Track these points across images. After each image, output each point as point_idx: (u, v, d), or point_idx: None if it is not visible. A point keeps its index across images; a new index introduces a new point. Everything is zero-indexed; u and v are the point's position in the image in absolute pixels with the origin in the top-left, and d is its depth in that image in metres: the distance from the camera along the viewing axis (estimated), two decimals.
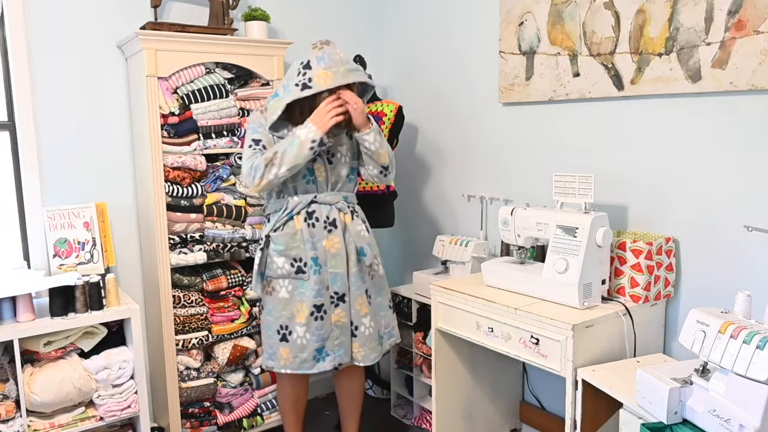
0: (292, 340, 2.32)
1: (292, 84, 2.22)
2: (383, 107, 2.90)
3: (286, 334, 2.32)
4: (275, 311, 2.34)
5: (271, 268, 2.34)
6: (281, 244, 2.30)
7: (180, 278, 2.61)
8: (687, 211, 2.13)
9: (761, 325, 1.42)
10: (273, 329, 2.35)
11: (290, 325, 2.32)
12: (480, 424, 2.67)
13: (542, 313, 1.99)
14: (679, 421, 1.54)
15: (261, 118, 2.33)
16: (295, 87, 2.20)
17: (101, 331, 2.34)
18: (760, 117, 1.90)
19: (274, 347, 2.35)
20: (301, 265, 2.30)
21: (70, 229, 2.50)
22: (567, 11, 2.39)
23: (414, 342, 2.90)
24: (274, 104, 2.28)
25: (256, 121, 2.33)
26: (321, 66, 2.19)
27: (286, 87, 2.24)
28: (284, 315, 2.32)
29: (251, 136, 2.31)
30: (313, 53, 2.23)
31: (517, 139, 2.71)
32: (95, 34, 2.60)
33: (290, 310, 2.32)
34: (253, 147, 2.29)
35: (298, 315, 2.32)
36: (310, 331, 2.30)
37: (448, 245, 2.75)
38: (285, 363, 2.34)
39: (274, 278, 2.34)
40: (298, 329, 2.31)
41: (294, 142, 2.19)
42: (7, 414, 2.10)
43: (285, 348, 2.33)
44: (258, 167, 2.21)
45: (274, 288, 2.34)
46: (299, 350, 2.32)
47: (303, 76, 2.20)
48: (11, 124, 2.48)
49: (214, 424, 2.72)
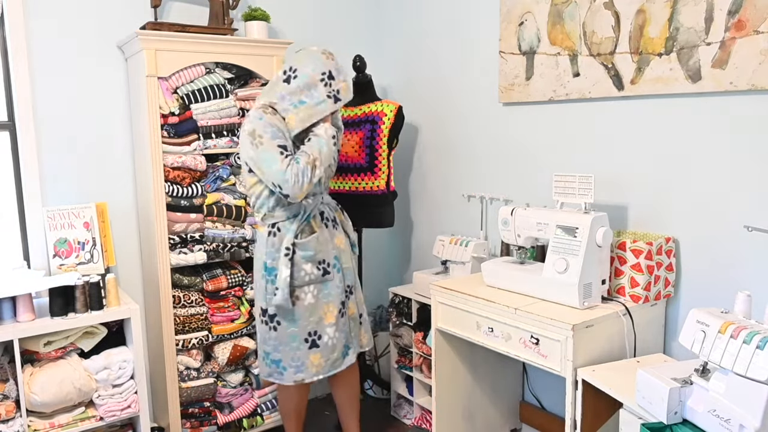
0: (323, 344, 2.32)
1: (322, 94, 2.22)
2: (383, 107, 2.90)
3: (316, 339, 2.31)
4: (301, 320, 2.30)
5: (297, 277, 2.28)
6: (311, 250, 2.29)
7: (180, 278, 2.61)
8: (687, 211, 2.13)
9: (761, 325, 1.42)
10: (299, 339, 2.30)
11: (319, 329, 2.32)
12: (480, 424, 2.67)
13: (542, 313, 1.99)
14: (679, 421, 1.54)
15: (277, 121, 2.21)
16: (328, 98, 2.24)
17: (101, 331, 2.34)
18: (760, 117, 1.90)
19: (302, 358, 2.31)
20: (325, 267, 2.33)
21: (70, 229, 2.50)
22: (567, 11, 2.39)
23: (414, 342, 2.90)
24: (306, 111, 2.22)
25: (274, 125, 2.20)
26: (341, 78, 2.28)
27: (313, 95, 2.22)
28: (312, 321, 2.31)
29: (278, 142, 2.18)
30: (329, 63, 2.26)
31: (517, 139, 2.71)
32: (95, 34, 2.60)
33: (318, 314, 2.31)
34: (284, 154, 2.17)
35: (327, 316, 2.32)
36: (339, 329, 2.34)
37: (448, 245, 2.75)
38: (317, 370, 2.33)
39: (298, 287, 2.29)
40: (329, 331, 2.32)
41: (322, 141, 2.21)
42: (7, 414, 2.10)
43: (316, 354, 2.31)
44: (305, 172, 2.15)
45: (298, 297, 2.29)
46: (330, 351, 2.33)
47: (330, 87, 2.24)
48: (11, 124, 2.48)
49: (214, 424, 2.72)
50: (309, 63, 2.24)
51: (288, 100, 2.24)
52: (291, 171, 2.15)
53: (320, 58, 2.25)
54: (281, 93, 2.26)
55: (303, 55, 2.28)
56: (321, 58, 2.25)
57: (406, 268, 3.44)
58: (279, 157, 2.16)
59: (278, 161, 2.16)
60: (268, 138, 2.18)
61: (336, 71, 2.26)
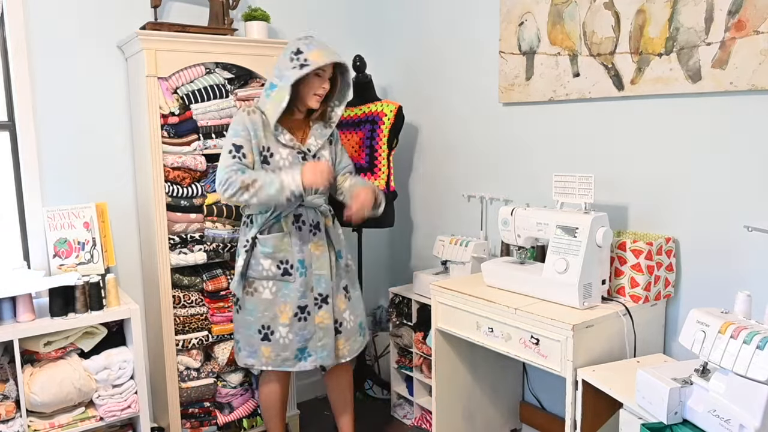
0: (274, 340, 2.35)
1: (288, 70, 2.20)
2: (383, 107, 2.90)
3: (268, 333, 2.35)
4: (257, 311, 2.35)
5: (255, 270, 2.34)
6: (269, 247, 2.32)
7: (180, 278, 2.61)
8: (687, 211, 2.13)
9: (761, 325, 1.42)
10: (254, 329, 2.36)
11: (272, 325, 2.35)
12: (480, 424, 2.67)
13: (542, 313, 1.99)
14: (679, 422, 1.54)
15: (247, 120, 2.26)
16: (293, 69, 2.19)
17: (101, 331, 2.34)
18: (761, 117, 1.90)
19: (255, 345, 2.37)
20: (287, 267, 2.33)
21: (70, 229, 2.50)
22: (567, 11, 2.39)
23: (414, 342, 2.90)
24: (276, 95, 2.22)
25: (240, 124, 2.25)
26: (312, 48, 2.23)
27: (282, 75, 2.22)
28: (267, 315, 2.34)
29: (232, 140, 2.24)
30: (299, 43, 2.26)
31: (517, 139, 2.71)
32: (95, 34, 2.60)
33: (273, 311, 2.34)
34: (233, 154, 2.22)
35: (282, 316, 2.34)
36: (293, 331, 2.35)
37: (448, 245, 2.75)
38: (267, 360, 2.37)
39: (257, 279, 2.34)
40: (281, 329, 2.34)
41: (275, 183, 2.16)
42: (7, 414, 2.10)
43: (267, 347, 2.36)
44: (233, 184, 2.17)
45: (256, 289, 2.35)
46: (281, 349, 2.36)
47: (296, 60, 2.20)
48: (11, 124, 2.48)
49: (214, 424, 2.72)
50: (283, 52, 2.28)
51: (265, 90, 2.30)
52: (223, 174, 2.20)
53: (293, 42, 2.28)
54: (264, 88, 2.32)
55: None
56: (294, 42, 2.28)
57: (406, 268, 3.44)
58: (227, 156, 2.24)
59: (226, 157, 2.24)
60: (230, 134, 2.28)
61: (305, 45, 2.23)
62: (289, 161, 2.30)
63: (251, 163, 2.26)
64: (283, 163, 2.30)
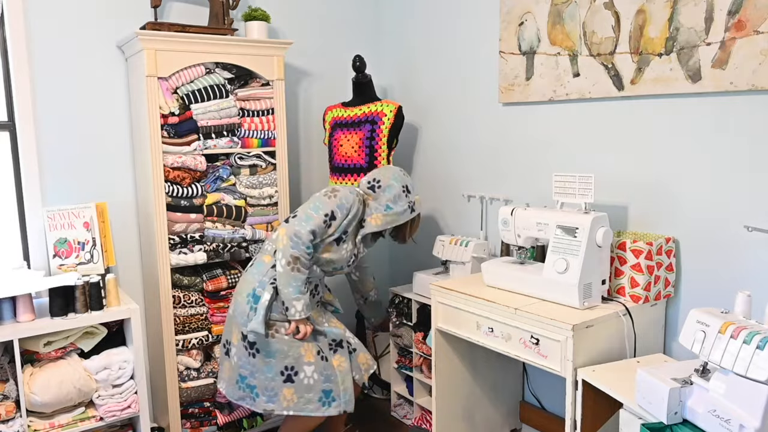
0: (298, 381, 2.29)
1: (405, 204, 2.45)
2: (383, 107, 2.90)
3: (292, 374, 2.29)
4: (279, 353, 2.28)
5: (279, 311, 2.28)
6: None
7: (180, 278, 2.61)
8: (687, 211, 2.13)
9: (761, 325, 1.42)
10: (275, 371, 2.28)
11: (297, 365, 2.29)
12: (480, 424, 2.67)
13: (542, 313, 1.99)
14: (679, 422, 1.54)
15: (356, 205, 2.36)
16: (408, 208, 2.46)
17: (101, 331, 2.34)
18: (761, 117, 1.90)
19: (275, 389, 2.29)
20: None
21: (70, 229, 2.50)
22: (567, 11, 2.39)
23: (414, 342, 2.90)
24: (393, 216, 2.42)
25: (350, 203, 2.34)
26: (414, 192, 2.52)
27: (398, 203, 2.43)
28: (291, 356, 2.29)
29: (335, 209, 2.30)
30: (407, 179, 2.50)
31: (517, 139, 2.71)
32: (95, 34, 2.60)
33: (297, 350, 2.29)
34: (326, 218, 2.28)
35: (306, 354, 2.30)
36: (318, 370, 2.31)
37: (448, 245, 2.75)
38: (288, 404, 2.29)
39: (279, 321, 2.29)
40: (306, 369, 2.30)
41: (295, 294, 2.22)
42: (7, 414, 2.10)
43: (289, 389, 2.29)
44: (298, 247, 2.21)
45: (278, 330, 2.29)
46: (305, 390, 2.30)
47: (408, 198, 2.47)
48: (11, 124, 2.48)
49: (214, 424, 2.72)
50: (391, 176, 2.47)
51: (380, 204, 2.42)
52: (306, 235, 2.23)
53: (400, 174, 2.50)
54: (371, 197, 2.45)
55: (386, 170, 2.51)
56: (400, 174, 2.50)
57: (405, 268, 3.44)
58: (321, 213, 2.28)
59: (318, 213, 2.28)
60: (335, 202, 2.32)
61: (410, 186, 2.50)
62: (347, 253, 2.38)
63: (327, 236, 2.30)
64: (345, 253, 2.37)
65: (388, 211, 2.43)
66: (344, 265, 2.42)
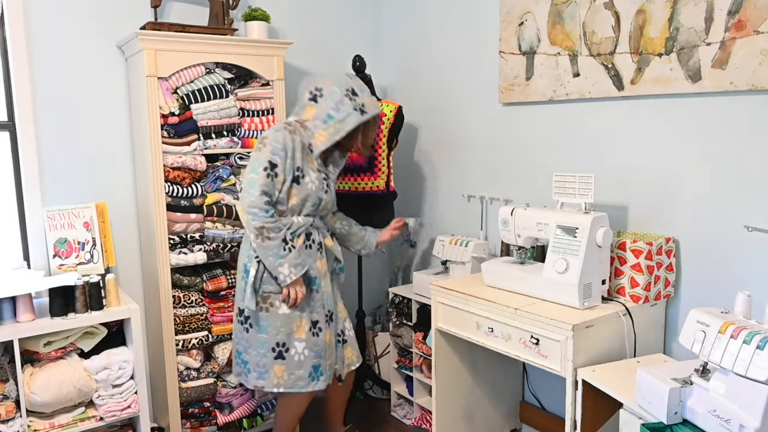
0: (289, 357, 2.30)
1: (349, 107, 2.28)
2: (383, 107, 2.89)
3: (283, 351, 2.30)
4: (272, 328, 2.29)
5: (271, 284, 2.29)
6: None
7: (180, 278, 2.61)
8: (687, 211, 2.13)
9: (761, 325, 1.42)
10: (266, 347, 2.30)
11: (288, 341, 2.30)
12: (480, 424, 2.67)
13: (542, 313, 1.99)
14: (679, 422, 1.54)
15: (288, 140, 2.24)
16: (355, 111, 2.29)
17: (101, 331, 2.34)
18: (761, 117, 1.90)
19: (266, 366, 2.31)
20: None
21: (70, 230, 2.50)
22: (567, 11, 2.39)
23: (414, 342, 2.90)
24: (335, 126, 2.27)
25: (281, 142, 2.23)
26: (365, 94, 2.35)
27: (340, 110, 2.28)
28: (282, 331, 2.30)
29: (270, 157, 2.21)
30: (351, 82, 2.35)
31: (517, 139, 2.71)
32: (95, 34, 2.60)
33: (290, 326, 2.31)
34: (267, 171, 2.20)
35: (298, 331, 2.31)
36: (309, 347, 2.32)
37: (448, 245, 2.75)
38: (278, 381, 2.31)
39: (274, 293, 2.29)
40: (297, 345, 2.31)
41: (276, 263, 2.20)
42: (7, 414, 2.10)
43: (280, 365, 2.31)
44: (256, 218, 2.17)
45: (272, 304, 2.30)
46: (296, 367, 2.31)
47: (355, 102, 2.30)
48: (11, 124, 2.48)
49: (214, 424, 2.72)
50: (333, 82, 2.33)
51: (318, 119, 2.31)
52: (258, 201, 2.18)
53: (343, 77, 2.36)
54: (310, 112, 2.32)
55: (325, 77, 2.38)
56: (344, 77, 2.37)
57: (406, 268, 3.44)
58: (260, 170, 2.20)
59: (257, 172, 2.20)
60: (268, 150, 2.23)
61: (358, 88, 2.34)
62: (315, 185, 2.32)
63: (280, 183, 2.24)
64: (311, 185, 2.31)
65: (329, 121, 2.28)
66: (321, 197, 2.34)
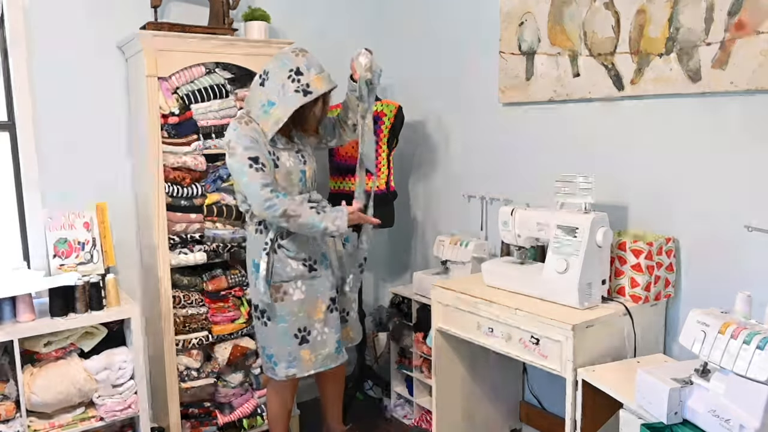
0: (312, 339, 2.34)
1: (290, 90, 2.21)
2: (383, 107, 2.89)
3: (306, 335, 2.33)
4: (290, 315, 2.31)
5: (282, 273, 2.31)
6: (293, 249, 2.32)
7: (180, 278, 2.61)
8: (687, 211, 2.12)
9: (761, 325, 1.42)
10: (289, 335, 2.32)
11: (308, 325, 2.34)
12: (480, 424, 2.67)
13: (542, 313, 1.99)
14: (679, 422, 1.54)
15: (248, 131, 2.21)
16: (296, 93, 2.21)
17: (101, 331, 2.34)
18: (761, 117, 1.90)
19: (293, 353, 2.33)
20: (312, 264, 2.35)
21: (70, 230, 2.50)
22: (567, 11, 2.39)
23: (414, 342, 2.90)
24: (276, 112, 2.21)
25: (247, 135, 2.20)
26: (313, 72, 2.24)
27: (282, 93, 2.21)
28: (301, 317, 2.33)
29: (248, 153, 2.18)
30: (298, 60, 2.25)
31: (517, 139, 2.71)
32: (95, 34, 2.60)
33: (307, 310, 2.34)
34: (255, 167, 2.18)
35: (316, 312, 2.34)
36: (328, 324, 2.36)
37: (448, 245, 2.75)
38: (309, 365, 2.35)
39: (286, 282, 2.32)
40: (317, 326, 2.34)
41: (319, 225, 2.21)
42: (7, 414, 2.10)
43: (306, 350, 2.34)
44: (276, 209, 2.16)
45: (286, 292, 2.32)
46: (321, 347, 2.36)
47: (298, 82, 2.21)
48: (11, 124, 2.48)
49: (214, 424, 2.72)
50: (278, 63, 2.26)
51: (261, 106, 2.26)
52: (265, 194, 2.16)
53: (289, 57, 2.26)
54: (258, 98, 2.28)
55: (275, 57, 2.31)
56: (290, 56, 2.26)
57: (405, 268, 3.44)
58: (247, 170, 2.18)
59: (246, 174, 2.18)
60: (240, 150, 2.19)
61: (305, 66, 2.24)
62: (291, 161, 2.32)
63: (271, 171, 2.24)
64: (288, 163, 2.31)
65: (270, 108, 2.21)
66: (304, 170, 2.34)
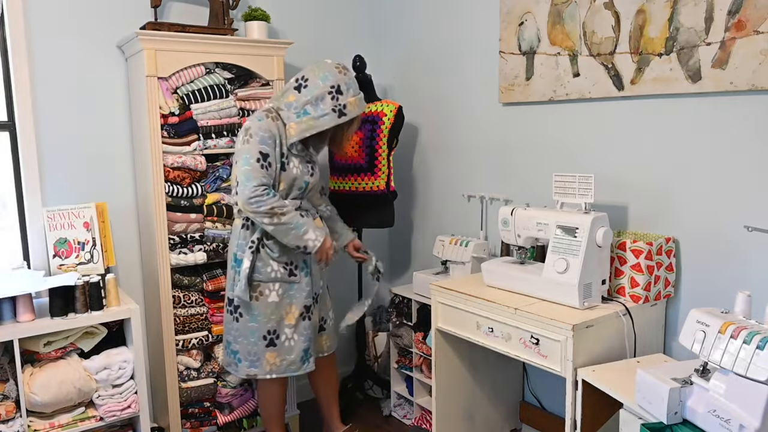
0: (279, 344, 2.35)
1: (327, 107, 2.25)
2: (383, 107, 2.89)
3: (274, 338, 2.34)
4: (262, 316, 2.33)
5: (262, 272, 2.33)
6: (277, 251, 2.34)
7: (180, 278, 2.61)
8: (687, 211, 2.13)
9: (761, 325, 1.42)
10: (257, 335, 2.34)
11: (278, 328, 2.35)
12: (480, 424, 2.67)
13: (542, 313, 1.99)
14: (679, 422, 1.54)
15: (273, 127, 2.25)
16: (332, 112, 2.26)
17: (101, 331, 2.34)
18: (761, 117, 1.90)
19: (257, 354, 2.35)
20: (292, 268, 2.36)
21: (70, 230, 2.50)
22: (567, 11, 2.39)
23: (414, 342, 2.90)
24: (308, 122, 2.25)
25: (266, 131, 2.24)
26: (350, 93, 2.29)
27: (318, 107, 2.25)
28: (273, 319, 2.34)
29: (260, 147, 2.21)
30: (340, 78, 2.29)
31: (517, 139, 2.71)
32: (95, 34, 2.60)
33: (280, 313, 2.35)
34: (261, 162, 2.20)
35: (288, 317, 2.36)
36: (298, 332, 2.36)
37: (448, 245, 2.75)
38: (271, 368, 2.36)
39: (264, 282, 2.33)
40: (287, 331, 2.35)
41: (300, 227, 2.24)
42: (7, 414, 2.10)
43: (272, 353, 2.35)
44: (262, 203, 2.17)
45: (262, 292, 2.34)
46: (287, 353, 2.36)
47: (337, 101, 2.26)
48: (11, 124, 2.48)
49: (214, 424, 2.72)
50: (320, 74, 2.28)
51: (294, 109, 2.29)
52: (257, 190, 2.17)
53: (333, 72, 2.29)
54: (290, 101, 2.31)
55: (317, 66, 2.33)
56: (333, 72, 2.29)
57: (405, 268, 3.44)
58: (253, 161, 2.20)
59: (250, 164, 2.20)
60: (256, 140, 2.22)
61: (345, 86, 2.29)
62: (299, 169, 2.34)
63: (274, 171, 2.26)
64: (296, 170, 2.33)
65: (303, 116, 2.25)
66: (308, 181, 2.37)
